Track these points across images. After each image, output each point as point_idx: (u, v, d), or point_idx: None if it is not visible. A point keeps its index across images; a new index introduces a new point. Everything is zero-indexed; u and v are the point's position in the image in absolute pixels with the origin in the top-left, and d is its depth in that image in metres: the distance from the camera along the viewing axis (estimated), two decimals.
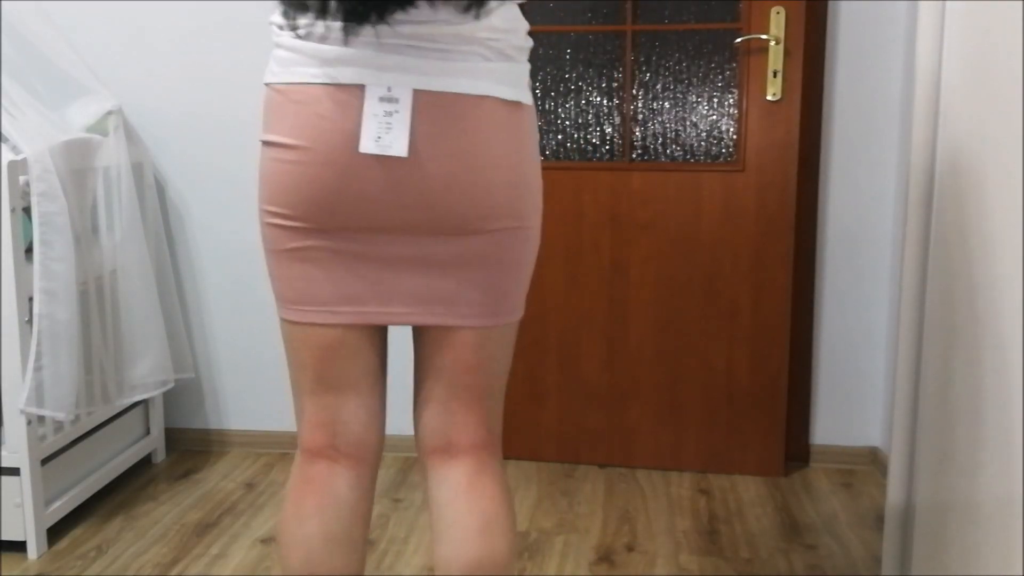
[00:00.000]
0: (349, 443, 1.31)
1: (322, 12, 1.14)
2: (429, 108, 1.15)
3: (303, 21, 1.17)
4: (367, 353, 1.31)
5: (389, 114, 1.14)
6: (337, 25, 1.14)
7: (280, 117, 1.19)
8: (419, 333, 1.33)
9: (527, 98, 1.24)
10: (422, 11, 1.13)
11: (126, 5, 2.71)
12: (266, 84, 1.23)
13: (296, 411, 1.35)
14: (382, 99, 1.14)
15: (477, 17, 1.15)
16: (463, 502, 1.29)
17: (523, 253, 1.28)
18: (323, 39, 1.15)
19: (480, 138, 1.18)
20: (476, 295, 1.26)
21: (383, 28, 1.13)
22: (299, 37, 1.17)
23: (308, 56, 1.16)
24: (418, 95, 1.15)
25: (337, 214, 1.20)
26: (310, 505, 1.29)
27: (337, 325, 1.26)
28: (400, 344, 1.89)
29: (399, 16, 1.13)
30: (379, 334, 1.33)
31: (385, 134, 1.14)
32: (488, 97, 1.18)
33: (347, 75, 1.15)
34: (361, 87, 1.14)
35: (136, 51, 2.73)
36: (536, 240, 1.31)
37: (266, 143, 1.22)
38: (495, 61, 1.19)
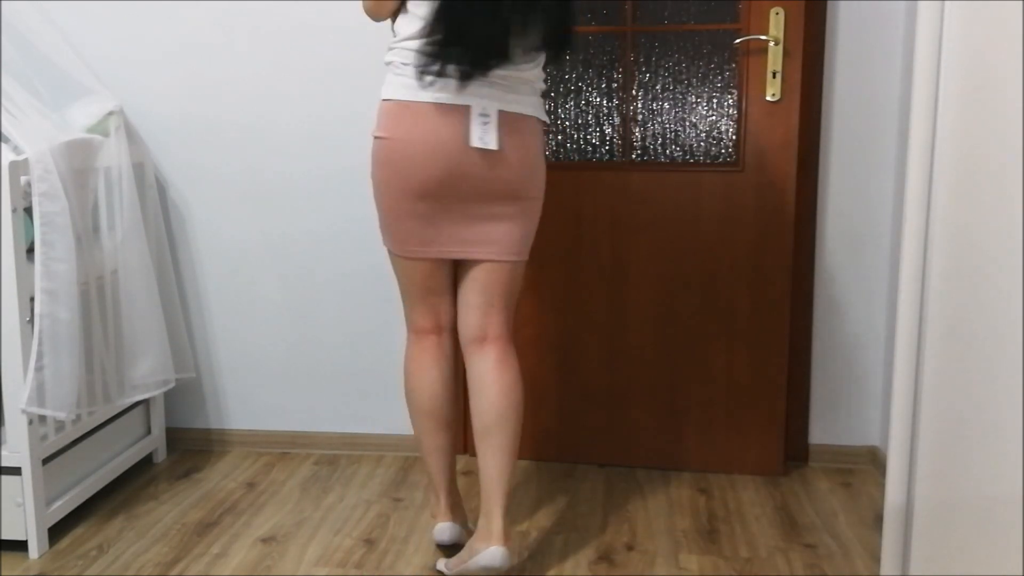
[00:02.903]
0: (444, 322, 2.08)
1: (444, 69, 1.84)
2: (506, 121, 1.89)
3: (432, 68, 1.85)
4: (448, 271, 2.04)
5: (485, 124, 1.87)
6: (454, 72, 1.84)
7: (403, 122, 1.88)
8: (470, 261, 2.01)
9: (546, 119, 2.06)
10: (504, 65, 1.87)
11: (127, 6, 2.71)
12: (389, 99, 1.90)
13: (406, 310, 2.09)
14: (480, 115, 1.87)
15: (534, 64, 1.92)
16: (495, 373, 2.00)
17: (537, 214, 2.03)
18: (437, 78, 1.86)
19: (530, 141, 1.95)
20: (513, 240, 1.99)
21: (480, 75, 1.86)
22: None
23: (423, 85, 1.86)
24: (500, 113, 1.88)
25: (442, 186, 1.90)
26: (430, 361, 2.06)
27: (430, 259, 1.99)
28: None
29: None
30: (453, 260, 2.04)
31: (484, 135, 1.87)
32: (532, 116, 1.95)
33: (457, 99, 1.86)
34: (466, 107, 1.86)
35: (137, 52, 2.73)
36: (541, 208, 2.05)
37: (387, 139, 1.91)
38: (534, 96, 1.96)
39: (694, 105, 2.58)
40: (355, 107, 2.70)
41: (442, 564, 2.07)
